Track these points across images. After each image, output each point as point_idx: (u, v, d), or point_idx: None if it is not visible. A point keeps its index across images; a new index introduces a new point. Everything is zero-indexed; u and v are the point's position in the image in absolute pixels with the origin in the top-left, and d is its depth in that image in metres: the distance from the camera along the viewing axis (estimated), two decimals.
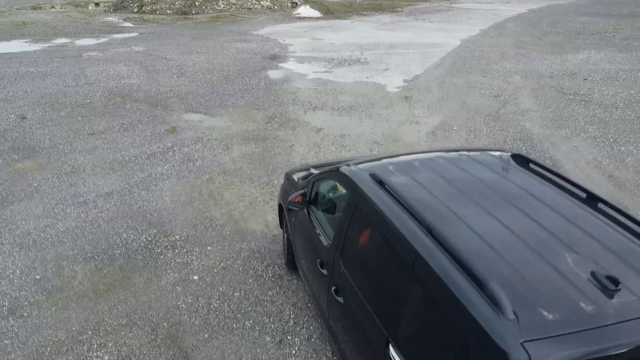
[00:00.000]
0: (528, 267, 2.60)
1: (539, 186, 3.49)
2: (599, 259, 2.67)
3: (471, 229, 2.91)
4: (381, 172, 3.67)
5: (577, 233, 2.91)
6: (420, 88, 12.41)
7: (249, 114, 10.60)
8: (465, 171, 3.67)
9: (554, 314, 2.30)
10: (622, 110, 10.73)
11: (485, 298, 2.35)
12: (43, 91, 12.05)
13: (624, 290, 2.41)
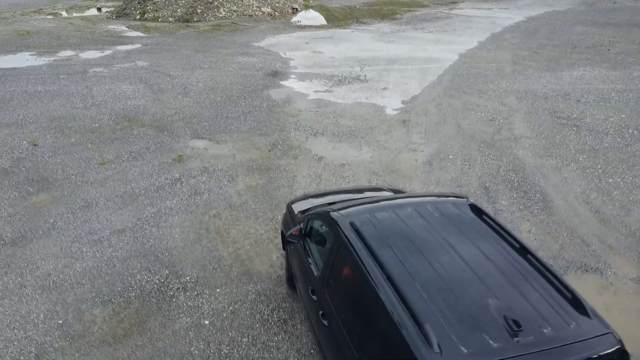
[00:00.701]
0: (456, 309, 3.43)
1: (482, 237, 4.26)
2: (512, 305, 3.49)
3: (419, 275, 3.74)
4: (359, 221, 4.46)
5: (501, 281, 3.72)
6: (417, 110, 12.79)
7: (252, 140, 11.00)
8: (424, 219, 4.48)
9: (468, 348, 3.14)
10: (612, 137, 11.14)
11: (421, 335, 3.22)
12: (52, 114, 12.43)
13: (524, 332, 3.26)
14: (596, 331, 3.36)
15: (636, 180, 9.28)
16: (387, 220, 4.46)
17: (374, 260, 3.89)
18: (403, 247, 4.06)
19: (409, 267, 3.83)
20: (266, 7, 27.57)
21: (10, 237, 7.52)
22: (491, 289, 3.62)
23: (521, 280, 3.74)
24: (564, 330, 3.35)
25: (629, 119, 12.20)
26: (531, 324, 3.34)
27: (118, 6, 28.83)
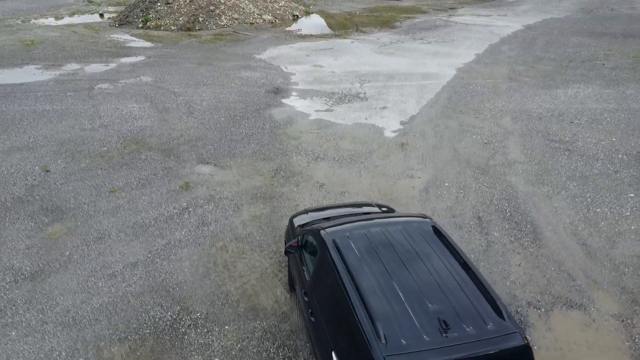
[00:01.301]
0: (402, 311, 4.66)
1: (434, 253, 5.46)
2: (446, 309, 4.68)
3: (379, 284, 4.97)
4: (339, 238, 5.70)
5: (441, 290, 4.92)
6: (415, 132, 13.22)
7: (256, 165, 11.43)
8: (392, 238, 5.69)
9: (406, 341, 4.37)
10: (602, 163, 11.58)
11: (374, 331, 4.43)
12: (62, 136, 12.84)
13: (451, 330, 4.46)
14: (507, 330, 4.52)
15: (622, 211, 9.73)
16: (361, 238, 5.70)
17: (347, 272, 5.16)
18: (371, 261, 5.33)
19: (373, 278, 5.07)
20: (267, 14, 27.87)
21: (29, 271, 7.97)
22: (432, 296, 4.85)
23: (457, 290, 4.94)
24: (482, 329, 4.52)
25: (619, 142, 12.63)
26: (458, 324, 4.55)
27: (120, 12, 29.11)
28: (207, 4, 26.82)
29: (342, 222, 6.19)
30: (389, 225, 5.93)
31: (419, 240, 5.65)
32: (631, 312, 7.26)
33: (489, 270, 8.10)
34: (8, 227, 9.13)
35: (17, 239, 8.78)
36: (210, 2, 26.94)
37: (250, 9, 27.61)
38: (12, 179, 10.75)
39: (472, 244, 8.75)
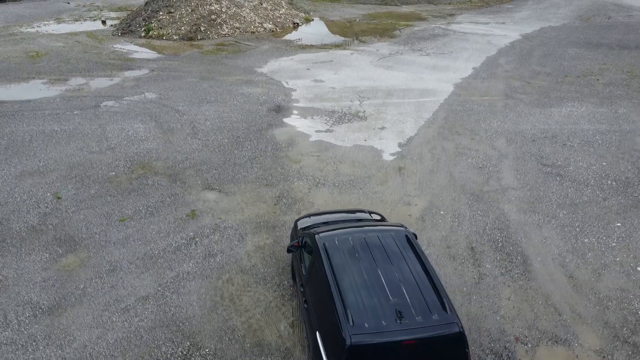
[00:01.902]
0: (369, 302, 6.07)
1: (402, 257, 6.83)
2: (403, 302, 6.07)
3: (354, 279, 6.42)
4: (328, 242, 7.10)
5: (402, 287, 6.29)
6: (413, 156, 13.67)
7: (259, 192, 11.89)
8: (371, 243, 7.06)
9: (369, 325, 5.77)
10: (592, 190, 12.04)
11: (345, 315, 5.85)
12: (71, 159, 13.28)
13: (404, 318, 5.86)
14: (447, 320, 5.91)
15: (609, 241, 10.21)
16: (346, 242, 7.12)
17: (331, 270, 6.61)
18: (351, 262, 6.76)
19: (350, 275, 6.52)
20: (268, 23, 28.19)
21: (47, 305, 8.45)
22: (394, 291, 6.27)
23: (415, 288, 6.34)
24: (428, 318, 5.93)
25: (609, 166, 13.09)
26: (410, 314, 5.97)
27: (123, 20, 29.40)
28: (209, 13, 27.14)
29: (333, 229, 7.61)
30: (370, 232, 7.36)
31: (392, 245, 7.07)
32: (612, 348, 7.75)
33: (479, 304, 8.59)
34: (24, 258, 9.60)
35: (33, 271, 9.25)
36: (212, 11, 27.25)
37: (251, 17, 27.93)
38: (26, 207, 11.21)
39: (465, 276, 9.24)
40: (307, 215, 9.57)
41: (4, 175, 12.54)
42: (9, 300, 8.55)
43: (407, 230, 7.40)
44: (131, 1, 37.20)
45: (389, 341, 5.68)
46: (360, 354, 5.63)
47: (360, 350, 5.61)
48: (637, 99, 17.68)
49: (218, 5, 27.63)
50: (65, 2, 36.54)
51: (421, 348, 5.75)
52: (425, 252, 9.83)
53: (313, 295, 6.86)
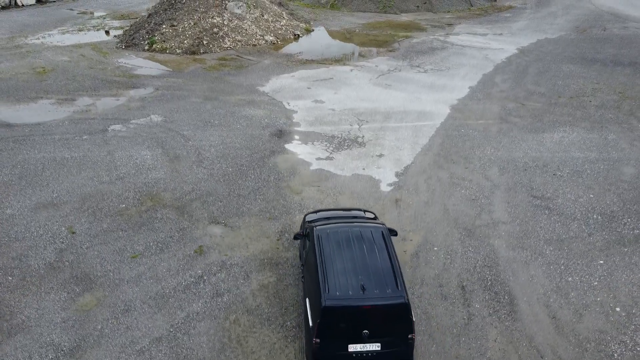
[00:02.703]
0: (342, 278, 8.45)
1: (375, 248, 9.05)
2: (368, 280, 8.42)
3: (336, 263, 8.75)
4: (322, 234, 9.38)
5: (369, 270, 8.60)
6: (409, 187, 14.31)
7: (262, 226, 12.55)
8: (353, 235, 9.33)
9: (339, 293, 8.23)
10: (578, 224, 12.71)
11: (326, 286, 8.31)
12: (83, 190, 13.92)
13: (366, 291, 8.28)
14: (397, 294, 8.23)
15: (591, 280, 10.90)
16: (335, 234, 9.40)
17: (321, 254, 8.95)
18: (336, 249, 9.05)
19: (333, 259, 8.82)
20: (269, 35, 28.66)
21: (67, 347, 9.14)
22: (363, 272, 8.59)
23: (379, 270, 8.62)
24: (383, 291, 8.23)
25: (596, 199, 13.75)
26: (371, 288, 8.29)
27: (126, 31, 29.83)
28: (211, 26, 27.60)
29: (328, 224, 9.86)
30: (355, 227, 9.66)
31: (369, 238, 9.33)
32: None
33: (468, 346, 9.29)
34: (44, 297, 10.28)
35: (53, 311, 9.93)
36: (214, 24, 27.71)
37: (252, 30, 28.39)
38: (42, 243, 11.87)
39: (455, 317, 9.93)
40: (315, 210, 11.73)
41: (20, 207, 13.18)
42: (33, 342, 9.24)
43: (384, 228, 9.73)
44: (134, 7, 37.56)
45: (352, 305, 8.13)
46: (332, 313, 8.04)
47: (331, 310, 8.05)
48: (627, 124, 18.28)
49: (220, 18, 28.08)
50: (68, 9, 36.90)
51: (375, 312, 8.12)
52: (418, 291, 10.55)
53: (307, 272, 9.35)
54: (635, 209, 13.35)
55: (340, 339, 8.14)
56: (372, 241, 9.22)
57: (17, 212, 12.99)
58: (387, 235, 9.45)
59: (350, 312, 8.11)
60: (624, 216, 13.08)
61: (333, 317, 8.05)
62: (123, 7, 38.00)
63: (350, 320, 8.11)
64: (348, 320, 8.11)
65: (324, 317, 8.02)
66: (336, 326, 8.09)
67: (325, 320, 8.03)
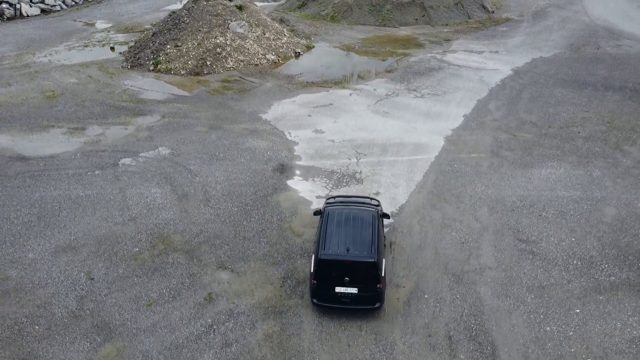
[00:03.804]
0: (335, 243, 12.17)
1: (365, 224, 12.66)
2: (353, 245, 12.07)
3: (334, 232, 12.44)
4: (331, 212, 13.07)
5: (356, 238, 12.24)
6: (403, 228, 15.30)
7: (267, 272, 13.56)
8: (353, 213, 12.96)
9: (331, 251, 12.04)
10: (559, 271, 13.73)
11: (323, 245, 12.18)
12: (98, 232, 14.91)
13: (349, 252, 11.94)
14: (370, 255, 11.86)
15: (567, 330, 11.95)
16: (339, 214, 12.84)
17: (325, 225, 12.60)
18: (336, 223, 12.55)
19: (332, 230, 12.41)
20: (270, 54, 29.40)
21: None
22: (351, 239, 12.15)
23: (362, 240, 12.16)
24: (361, 253, 11.90)
25: (577, 243, 14.75)
26: (353, 250, 11.93)
27: (131, 48, 30.55)
28: (214, 46, 28.35)
29: (337, 206, 13.42)
30: (355, 209, 13.12)
31: (363, 218, 12.74)
32: None
33: None
34: (69, 347, 11.32)
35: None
36: (217, 44, 28.46)
37: (254, 49, 29.13)
38: (64, 289, 12.89)
39: None
40: (334, 196, 15.19)
41: (41, 251, 14.18)
42: None
43: (375, 212, 13.11)
44: (137, 18, 38.16)
45: (338, 259, 11.78)
46: (324, 264, 11.77)
47: (324, 262, 11.77)
48: (612, 158, 19.21)
49: (223, 38, 28.82)
50: (72, 20, 37.53)
51: (354, 266, 11.75)
52: (409, 341, 11.59)
53: (315, 237, 13.14)
54: (612, 254, 14.36)
55: (330, 282, 11.74)
56: (364, 220, 12.66)
57: (39, 257, 14.00)
58: (375, 217, 12.86)
59: (337, 264, 11.72)
60: (602, 261, 14.09)
61: (325, 267, 11.71)
62: (126, 17, 38.60)
63: (337, 270, 11.70)
64: (335, 269, 11.71)
65: (319, 266, 11.72)
66: (327, 273, 11.73)
67: (319, 268, 11.73)
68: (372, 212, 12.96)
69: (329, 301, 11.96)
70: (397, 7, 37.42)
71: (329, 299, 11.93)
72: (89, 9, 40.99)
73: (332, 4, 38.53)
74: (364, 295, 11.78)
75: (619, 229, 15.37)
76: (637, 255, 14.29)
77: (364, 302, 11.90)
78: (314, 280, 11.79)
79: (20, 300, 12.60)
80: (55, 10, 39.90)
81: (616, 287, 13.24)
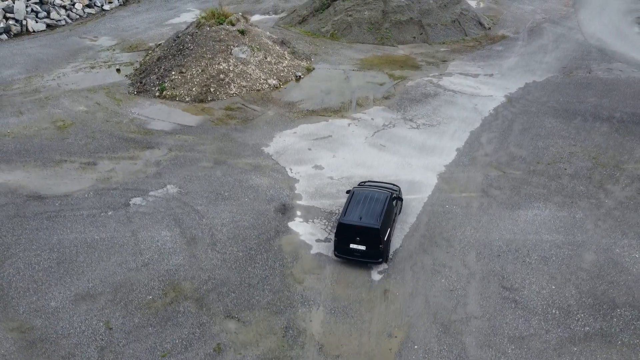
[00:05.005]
0: (353, 213, 16.75)
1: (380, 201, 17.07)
2: (364, 216, 16.56)
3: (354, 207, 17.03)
4: (355, 192, 17.80)
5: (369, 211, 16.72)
6: (397, 275, 16.52)
7: (270, 321, 14.80)
8: (372, 193, 17.42)
9: (349, 218, 16.61)
10: (538, 321, 14.97)
11: (344, 214, 16.88)
12: (114, 279, 16.11)
13: (362, 219, 16.45)
14: (375, 222, 16.33)
15: None
16: (361, 193, 17.55)
17: (349, 201, 17.32)
18: (358, 199, 17.16)
19: (354, 205, 17.01)
20: (272, 78, 30.37)
21: None
22: (363, 212, 16.63)
23: (373, 213, 16.59)
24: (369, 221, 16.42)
25: (557, 291, 15.98)
26: (364, 219, 16.45)
27: (137, 70, 31.47)
28: (218, 72, 29.31)
29: (362, 187, 18.26)
30: (375, 191, 17.50)
31: (377, 198, 17.03)
32: None
33: None
34: None
35: None
36: (220, 70, 29.41)
37: (256, 74, 30.09)
38: (85, 340, 14.12)
39: None
40: (365, 181, 19.94)
41: (62, 299, 15.40)
42: None
43: (389, 194, 17.32)
44: (140, 34, 38.93)
45: (352, 224, 16.25)
46: (343, 226, 16.30)
47: (343, 225, 16.32)
48: (595, 198, 20.37)
49: (226, 64, 29.77)
50: (77, 37, 38.32)
51: (362, 229, 16.05)
52: None
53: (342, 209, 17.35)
54: (589, 303, 15.60)
55: (346, 240, 16.31)
56: (377, 199, 16.95)
57: (61, 305, 15.22)
58: (388, 198, 17.05)
59: (351, 227, 16.22)
60: (578, 311, 15.33)
61: (343, 229, 16.28)
62: (130, 32, 39.37)
63: (351, 232, 16.17)
64: (350, 231, 16.19)
65: (339, 228, 16.37)
66: (344, 233, 16.26)
67: (339, 229, 16.34)
68: (386, 194, 17.15)
69: (345, 254, 16.47)
70: (395, 25, 38.25)
71: (345, 252, 16.44)
72: (93, 22, 41.72)
73: (332, 21, 39.34)
74: (370, 252, 16.16)
75: (597, 276, 16.59)
76: (610, 304, 15.53)
77: (370, 257, 16.29)
78: (335, 237, 16.40)
79: (46, 352, 13.84)
80: (60, 25, 40.64)
81: (590, 337, 14.50)
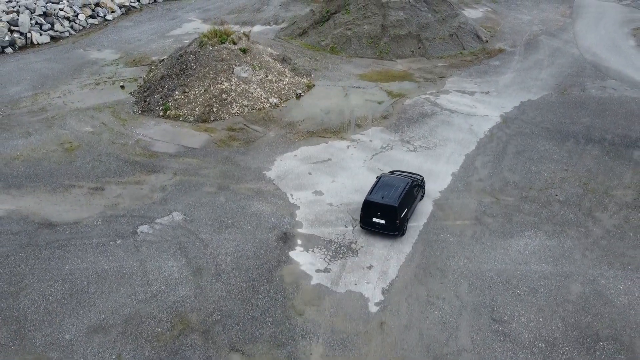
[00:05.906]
0: (378, 194, 20.49)
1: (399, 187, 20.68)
2: (386, 195, 20.33)
3: (379, 189, 20.84)
4: (382, 177, 21.73)
5: (389, 193, 20.44)
6: (392, 307, 17.40)
7: (273, 354, 15.69)
8: (396, 180, 21.20)
9: (373, 198, 20.37)
10: (525, 354, 15.87)
11: (370, 194, 20.72)
12: (124, 311, 16.98)
13: (383, 198, 20.13)
14: (394, 201, 19.99)
15: None
16: (387, 178, 21.53)
17: (375, 184, 21.24)
18: (383, 183, 21.07)
19: (378, 187, 20.91)
20: (273, 97, 31.08)
21: None
22: (385, 194, 20.35)
23: (393, 194, 20.31)
24: (389, 200, 20.13)
25: (544, 323, 16.87)
26: (386, 198, 20.18)
27: (140, 87, 32.18)
28: (220, 92, 30.01)
29: (389, 175, 22.15)
30: (396, 178, 21.47)
31: (400, 184, 20.75)
32: None
33: None
34: None
35: None
36: (223, 90, 30.11)
37: (258, 93, 30.81)
38: None
39: None
40: (392, 170, 23.47)
41: (76, 331, 16.28)
42: None
43: (410, 181, 20.96)
44: (142, 47, 39.57)
45: (376, 202, 19.98)
46: (368, 204, 20.07)
47: (368, 202, 20.10)
48: (584, 227, 21.22)
49: (228, 83, 30.46)
50: (81, 50, 38.94)
51: (383, 206, 19.74)
52: None
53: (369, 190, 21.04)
54: (574, 336, 16.50)
55: (370, 214, 20.00)
56: (399, 184, 20.58)
57: (74, 338, 16.10)
58: (408, 183, 20.67)
59: (374, 204, 19.87)
60: (563, 344, 16.23)
61: (368, 205, 19.97)
62: (133, 45, 40.03)
63: (374, 208, 19.85)
64: (373, 207, 19.87)
65: (364, 204, 20.07)
66: (369, 209, 19.97)
67: (365, 205, 20.03)
68: (407, 180, 20.85)
69: (369, 225, 20.19)
70: (394, 39, 38.90)
71: (368, 224, 20.18)
72: (96, 34, 42.37)
73: (332, 35, 39.97)
74: (388, 225, 19.77)
75: (582, 308, 17.49)
76: (594, 337, 16.44)
77: (389, 230, 19.89)
78: (362, 212, 20.09)
79: None
80: (64, 37, 41.28)
81: None
